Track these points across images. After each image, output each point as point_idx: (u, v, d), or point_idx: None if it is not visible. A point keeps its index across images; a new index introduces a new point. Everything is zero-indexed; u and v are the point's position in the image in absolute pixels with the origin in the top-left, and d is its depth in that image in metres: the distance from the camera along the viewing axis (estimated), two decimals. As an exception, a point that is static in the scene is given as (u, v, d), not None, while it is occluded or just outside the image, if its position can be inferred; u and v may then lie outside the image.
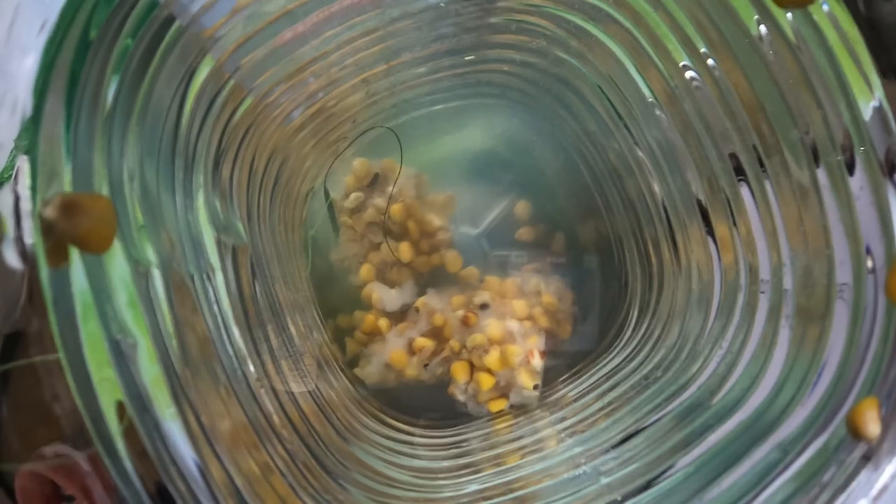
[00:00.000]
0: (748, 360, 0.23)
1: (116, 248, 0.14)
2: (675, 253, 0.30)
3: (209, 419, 0.17)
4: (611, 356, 0.33)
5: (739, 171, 0.24)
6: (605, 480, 0.21)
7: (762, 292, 0.23)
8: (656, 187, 0.30)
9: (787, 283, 0.22)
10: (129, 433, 0.13)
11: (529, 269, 0.37)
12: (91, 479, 0.15)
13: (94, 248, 0.14)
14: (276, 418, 0.20)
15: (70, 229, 0.13)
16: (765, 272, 0.24)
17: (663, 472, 0.20)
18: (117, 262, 0.15)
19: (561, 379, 0.34)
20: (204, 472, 0.16)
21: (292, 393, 0.22)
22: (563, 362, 0.35)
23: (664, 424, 0.23)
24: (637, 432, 0.24)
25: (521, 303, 0.35)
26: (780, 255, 0.23)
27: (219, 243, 0.20)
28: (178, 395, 0.15)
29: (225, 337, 0.20)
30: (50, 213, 0.12)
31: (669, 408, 0.24)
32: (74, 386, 0.13)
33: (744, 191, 0.24)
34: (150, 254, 0.15)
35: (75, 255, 0.14)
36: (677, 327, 0.29)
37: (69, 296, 0.13)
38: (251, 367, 0.20)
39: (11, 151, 0.12)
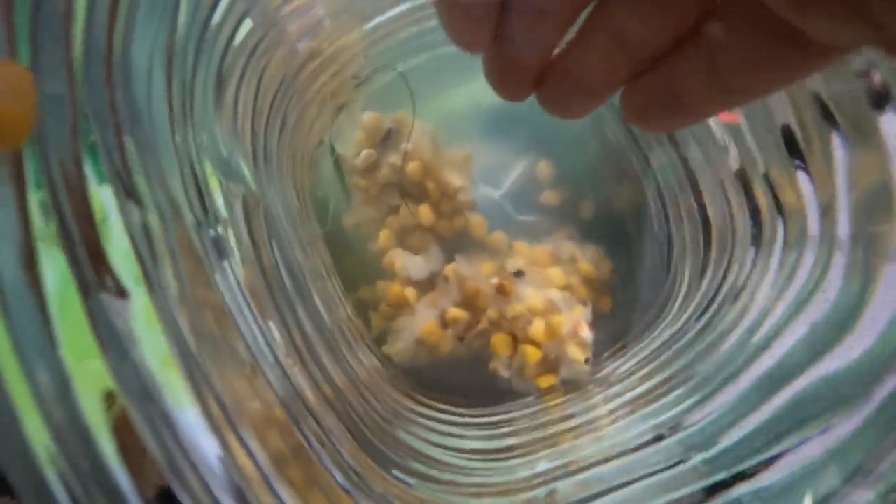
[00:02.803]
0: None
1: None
2: (749, 203, 0.26)
3: (233, 402, 0.13)
4: (666, 323, 0.29)
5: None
6: (698, 457, 0.18)
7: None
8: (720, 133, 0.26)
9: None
10: (120, 429, 0.09)
11: (560, 236, 0.33)
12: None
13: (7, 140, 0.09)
14: (310, 397, 0.17)
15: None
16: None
17: (782, 452, 0.17)
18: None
19: (609, 355, 0.31)
20: (225, 464, 0.12)
21: (327, 371, 0.19)
22: (608, 337, 0.32)
23: (753, 392, 0.20)
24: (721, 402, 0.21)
25: (558, 271, 0.31)
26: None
27: (224, 189, 0.16)
28: (195, 375, 0.12)
29: (244, 307, 0.16)
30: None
31: (756, 372, 0.21)
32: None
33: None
34: (142, 184, 0.11)
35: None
36: (750, 289, 0.26)
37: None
38: (279, 342, 0.16)
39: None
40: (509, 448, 0.22)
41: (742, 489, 0.16)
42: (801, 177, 0.22)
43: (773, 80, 0.10)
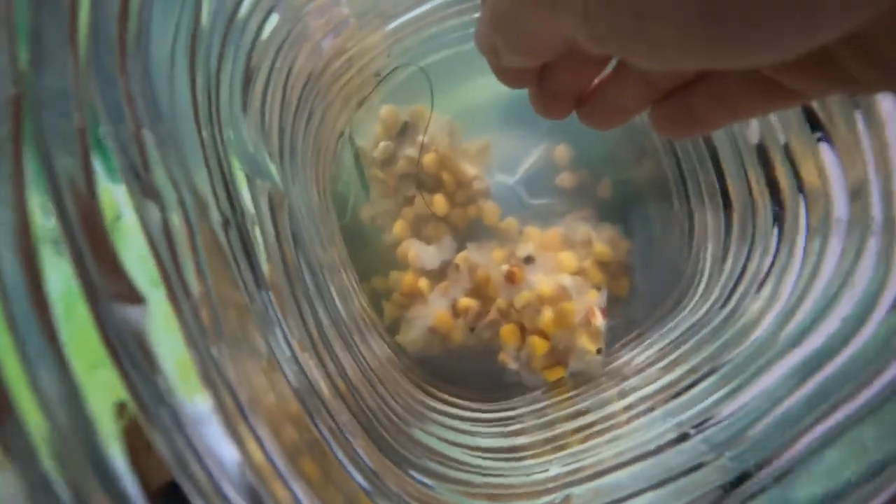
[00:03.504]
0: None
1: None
2: (769, 180, 0.25)
3: (249, 401, 0.13)
4: (687, 312, 0.28)
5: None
6: (728, 454, 0.18)
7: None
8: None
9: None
10: (131, 433, 0.09)
11: (574, 218, 0.32)
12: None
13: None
14: (325, 391, 0.17)
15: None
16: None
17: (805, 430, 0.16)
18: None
19: (623, 344, 0.30)
20: (241, 464, 0.12)
21: (341, 363, 0.19)
22: (624, 323, 0.31)
23: (785, 382, 0.19)
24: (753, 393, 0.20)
25: (569, 255, 0.31)
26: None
27: (251, 185, 0.16)
28: (212, 376, 0.12)
29: (266, 303, 0.16)
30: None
31: (788, 364, 0.20)
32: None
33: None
34: (164, 181, 0.11)
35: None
36: (777, 273, 0.25)
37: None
38: (296, 337, 0.16)
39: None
40: (520, 447, 0.22)
41: (763, 475, 0.16)
42: (825, 150, 0.21)
43: (769, 107, 0.13)
